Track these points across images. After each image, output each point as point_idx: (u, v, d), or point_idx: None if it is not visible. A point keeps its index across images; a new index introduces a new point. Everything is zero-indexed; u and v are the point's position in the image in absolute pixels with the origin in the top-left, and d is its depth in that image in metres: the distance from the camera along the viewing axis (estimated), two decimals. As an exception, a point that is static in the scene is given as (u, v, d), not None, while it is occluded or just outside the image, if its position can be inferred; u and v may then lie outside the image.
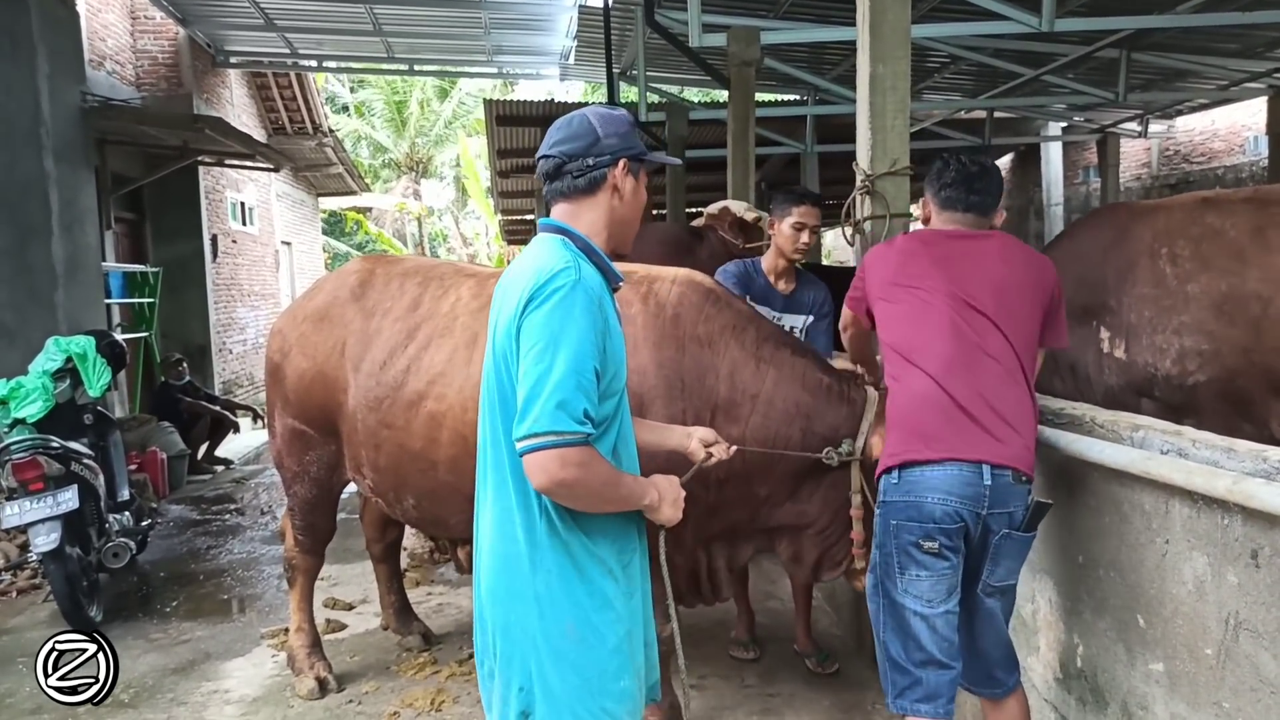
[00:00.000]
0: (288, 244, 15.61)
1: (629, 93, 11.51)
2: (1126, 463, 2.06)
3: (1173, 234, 3.57)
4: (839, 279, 4.18)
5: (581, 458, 1.69)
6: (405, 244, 25.60)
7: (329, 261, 22.22)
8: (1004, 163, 16.15)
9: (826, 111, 10.27)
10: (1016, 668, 2.38)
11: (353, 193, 18.00)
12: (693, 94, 11.61)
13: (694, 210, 12.18)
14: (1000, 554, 2.24)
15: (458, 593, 4.93)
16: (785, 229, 3.75)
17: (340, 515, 6.85)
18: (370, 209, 23.05)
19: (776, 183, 15.23)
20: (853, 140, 3.91)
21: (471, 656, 4.01)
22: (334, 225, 23.80)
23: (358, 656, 4.16)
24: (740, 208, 5.14)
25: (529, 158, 13.36)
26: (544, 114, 10.94)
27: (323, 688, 3.77)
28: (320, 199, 18.50)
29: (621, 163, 1.90)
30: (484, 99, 12.29)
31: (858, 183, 3.77)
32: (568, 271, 1.76)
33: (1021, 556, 2.30)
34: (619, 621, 1.86)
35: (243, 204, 12.95)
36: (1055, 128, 13.21)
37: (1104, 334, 3.67)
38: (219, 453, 9.05)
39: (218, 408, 8.99)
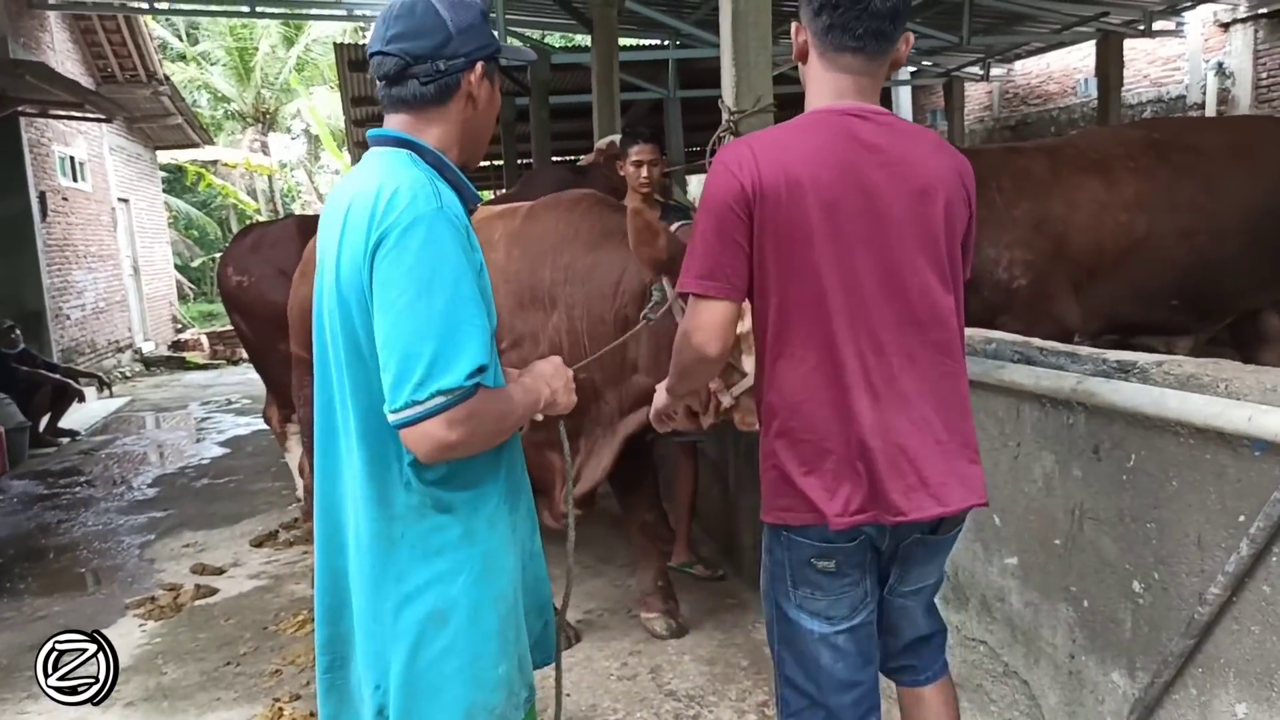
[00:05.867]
0: (125, 201, 14.63)
1: (487, 37, 11.19)
2: (981, 373, 2.19)
3: (997, 172, 4.20)
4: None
5: (470, 410, 1.42)
6: (256, 200, 24.35)
7: (172, 221, 20.94)
8: (858, 107, 16.59)
9: (688, 55, 10.30)
10: (940, 654, 1.99)
11: (195, 145, 16.96)
12: (554, 40, 11.41)
13: (560, 160, 12.07)
14: (911, 561, 1.83)
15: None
16: (629, 167, 4.07)
17: (203, 481, 6.65)
18: (216, 162, 21.74)
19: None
20: (715, 85, 3.98)
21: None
22: (173, 182, 22.38)
23: (233, 619, 4.03)
24: None
25: (385, 106, 12.94)
26: (399, 59, 10.55)
27: None
28: (159, 152, 17.36)
29: (479, 66, 1.58)
30: (334, 43, 11.72)
31: (723, 121, 3.83)
32: (428, 196, 1.45)
33: (940, 559, 1.90)
34: (499, 598, 1.60)
35: (73, 158, 12.04)
36: (905, 72, 13.66)
37: None
38: (63, 424, 8.50)
39: (59, 376, 8.43)
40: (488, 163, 15.48)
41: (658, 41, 11.43)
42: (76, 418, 8.82)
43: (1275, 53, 9.96)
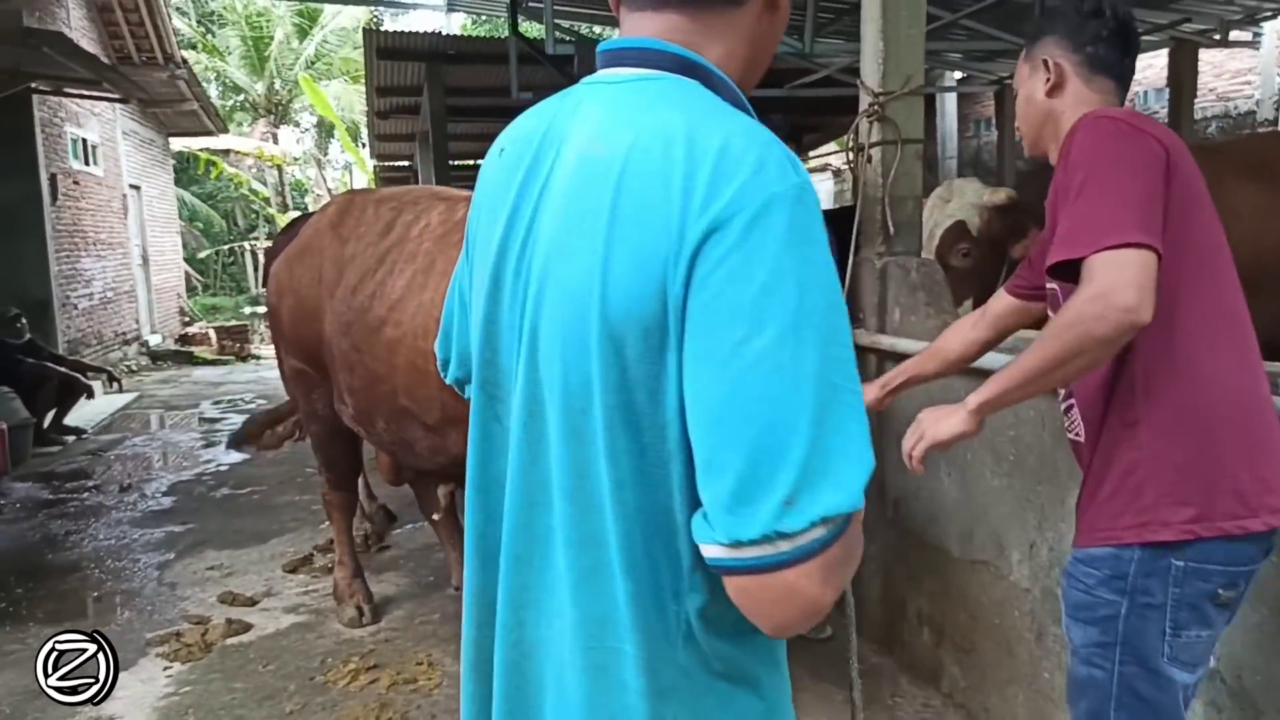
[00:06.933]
0: (136, 188, 14.09)
1: (529, 28, 10.69)
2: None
3: None
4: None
5: (847, 546, 0.84)
6: (267, 190, 23.79)
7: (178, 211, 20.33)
8: (894, 115, 16.07)
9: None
10: None
11: (209, 133, 16.40)
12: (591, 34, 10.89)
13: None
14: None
15: (380, 580, 4.28)
16: None
17: (223, 491, 6.10)
18: (229, 151, 21.16)
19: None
20: (768, 83, 3.48)
21: (420, 662, 3.43)
22: (180, 170, 21.71)
23: (272, 665, 3.48)
24: None
25: (412, 97, 12.39)
26: (431, 48, 10.03)
27: (360, 615, 3.81)
28: (171, 139, 16.82)
29: None
30: (364, 28, 11.23)
31: (864, 105, 3.31)
32: (782, 161, 0.85)
33: None
34: None
35: (85, 141, 11.51)
36: (951, 79, 13.13)
37: None
38: (69, 420, 7.96)
39: (65, 369, 7.87)
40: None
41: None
42: (81, 414, 8.27)
43: (1358, 68, 9.47)
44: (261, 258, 23.48)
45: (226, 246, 23.69)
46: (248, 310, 20.51)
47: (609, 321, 0.86)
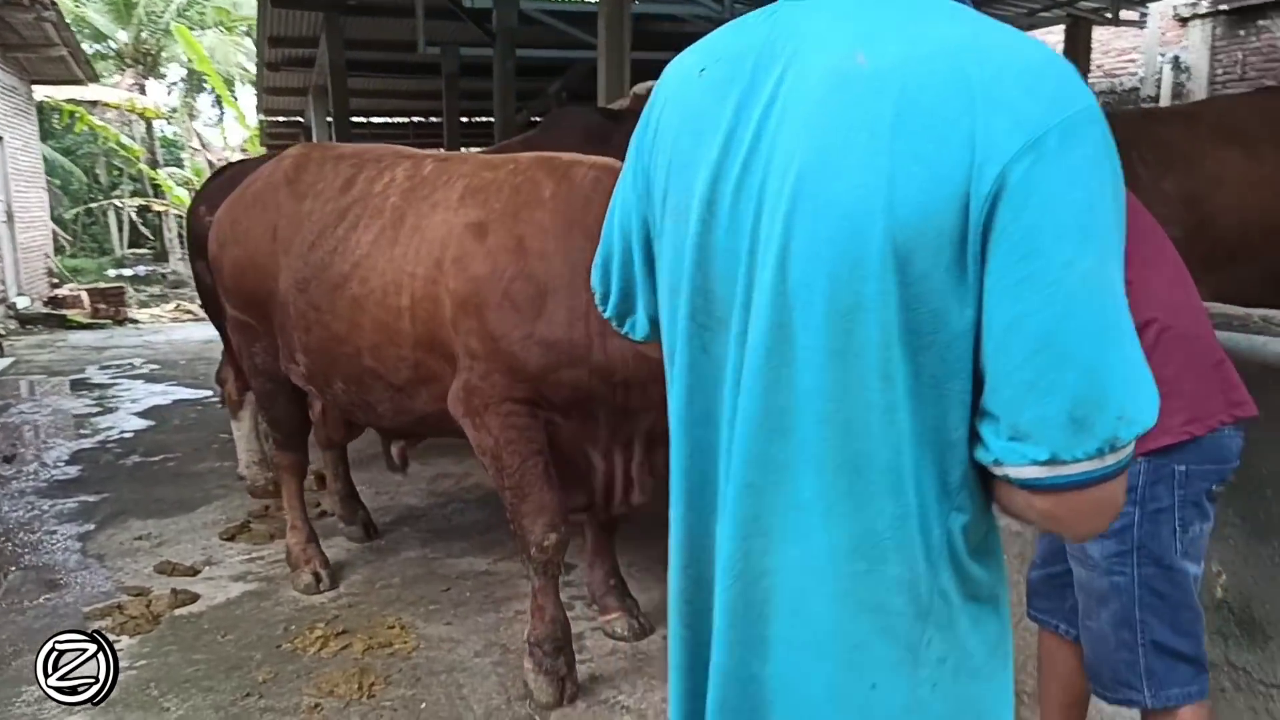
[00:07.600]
0: (-2, 138, 13.06)
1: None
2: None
3: (1137, 140, 3.78)
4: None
5: None
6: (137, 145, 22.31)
7: (41, 165, 18.88)
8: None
9: (651, 11, 9.67)
10: None
11: (78, 82, 15.26)
12: None
13: (531, 123, 11.17)
14: None
15: (330, 545, 4.12)
16: None
17: (133, 459, 5.76)
18: (95, 103, 19.72)
19: (580, 93, 14.50)
20: (669, 48, 3.47)
21: (391, 626, 3.32)
22: (39, 122, 20.08)
23: (231, 635, 3.31)
24: None
25: (307, 49, 11.82)
26: (331, -4, 9.58)
27: (317, 581, 3.65)
28: (35, 87, 15.60)
29: None
30: (257, -27, 10.59)
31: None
32: (1074, 76, 0.83)
33: None
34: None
35: (-58, 84, 10.56)
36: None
37: None
38: (-57, 388, 7.37)
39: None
40: (429, 119, 14.50)
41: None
42: (-44, 380, 7.67)
43: (1232, 49, 10.11)
44: (131, 215, 22.25)
45: (93, 204, 22.22)
46: (113, 273, 19.30)
47: (895, 238, 0.82)
